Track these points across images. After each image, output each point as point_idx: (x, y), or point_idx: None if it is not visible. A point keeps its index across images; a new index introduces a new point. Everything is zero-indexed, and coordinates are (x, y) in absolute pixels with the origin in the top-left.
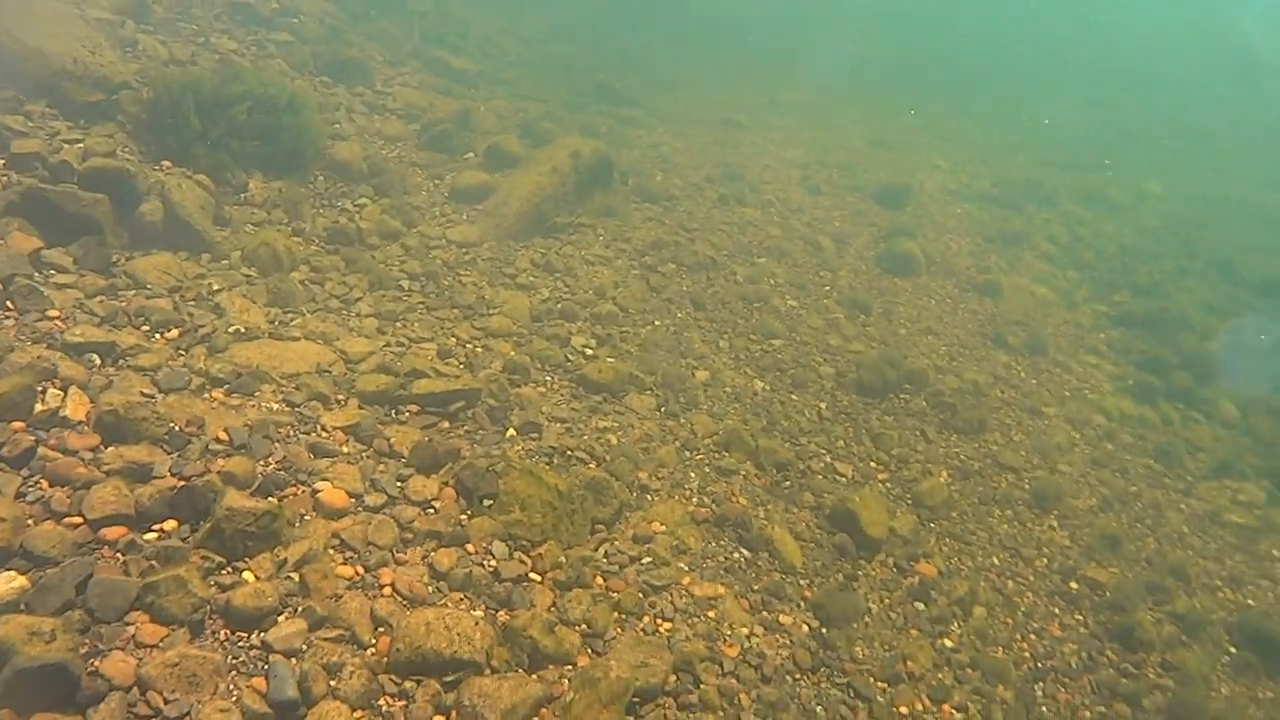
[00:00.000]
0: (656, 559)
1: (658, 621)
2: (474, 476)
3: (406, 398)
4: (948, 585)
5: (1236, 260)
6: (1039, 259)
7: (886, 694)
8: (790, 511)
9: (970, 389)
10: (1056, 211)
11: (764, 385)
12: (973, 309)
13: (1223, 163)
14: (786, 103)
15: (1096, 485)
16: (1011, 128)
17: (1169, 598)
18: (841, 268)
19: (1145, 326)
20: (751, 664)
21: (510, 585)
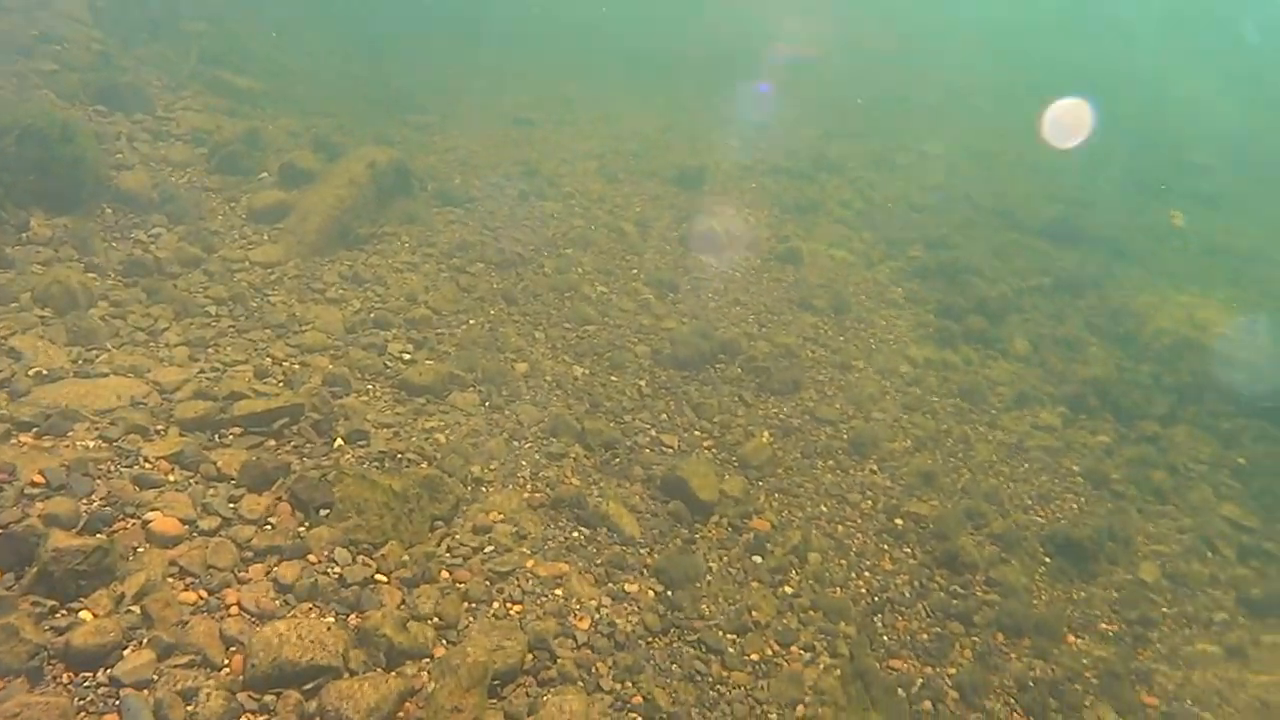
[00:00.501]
0: (499, 546)
1: (508, 605)
2: (307, 488)
3: (228, 420)
4: (782, 537)
5: (1016, 208)
6: (834, 224)
7: (736, 644)
8: (623, 486)
9: (782, 352)
10: (846, 178)
11: (583, 370)
12: (776, 277)
13: (992, 122)
14: (577, 97)
15: (909, 428)
16: (792, 104)
17: (986, 521)
18: (647, 250)
19: (939, 277)
20: (604, 633)
21: (358, 589)
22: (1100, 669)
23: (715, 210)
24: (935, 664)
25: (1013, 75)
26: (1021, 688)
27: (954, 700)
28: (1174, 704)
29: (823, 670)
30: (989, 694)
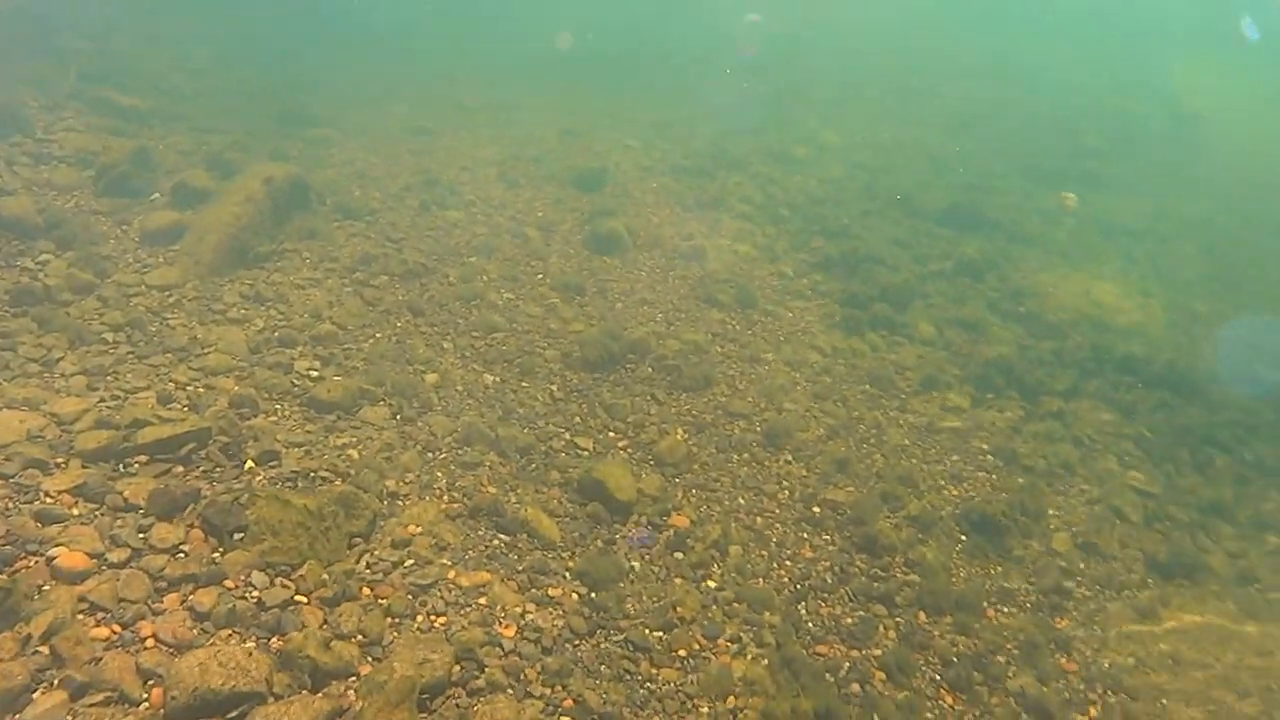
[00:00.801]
0: (419, 559)
1: (432, 618)
2: (219, 513)
3: (133, 449)
4: (702, 532)
5: (914, 196)
6: (737, 219)
7: (663, 641)
8: (540, 491)
9: (691, 349)
10: (747, 174)
11: (494, 378)
12: (682, 275)
13: (884, 111)
14: (473, 105)
15: (821, 416)
16: (691, 102)
17: (902, 504)
18: (551, 255)
19: (842, 266)
20: (530, 639)
21: (278, 611)
22: (1020, 639)
23: (618, 211)
24: (861, 647)
25: (905, 68)
26: (946, 664)
27: (881, 681)
28: (1092, 667)
29: (750, 661)
30: (915, 672)
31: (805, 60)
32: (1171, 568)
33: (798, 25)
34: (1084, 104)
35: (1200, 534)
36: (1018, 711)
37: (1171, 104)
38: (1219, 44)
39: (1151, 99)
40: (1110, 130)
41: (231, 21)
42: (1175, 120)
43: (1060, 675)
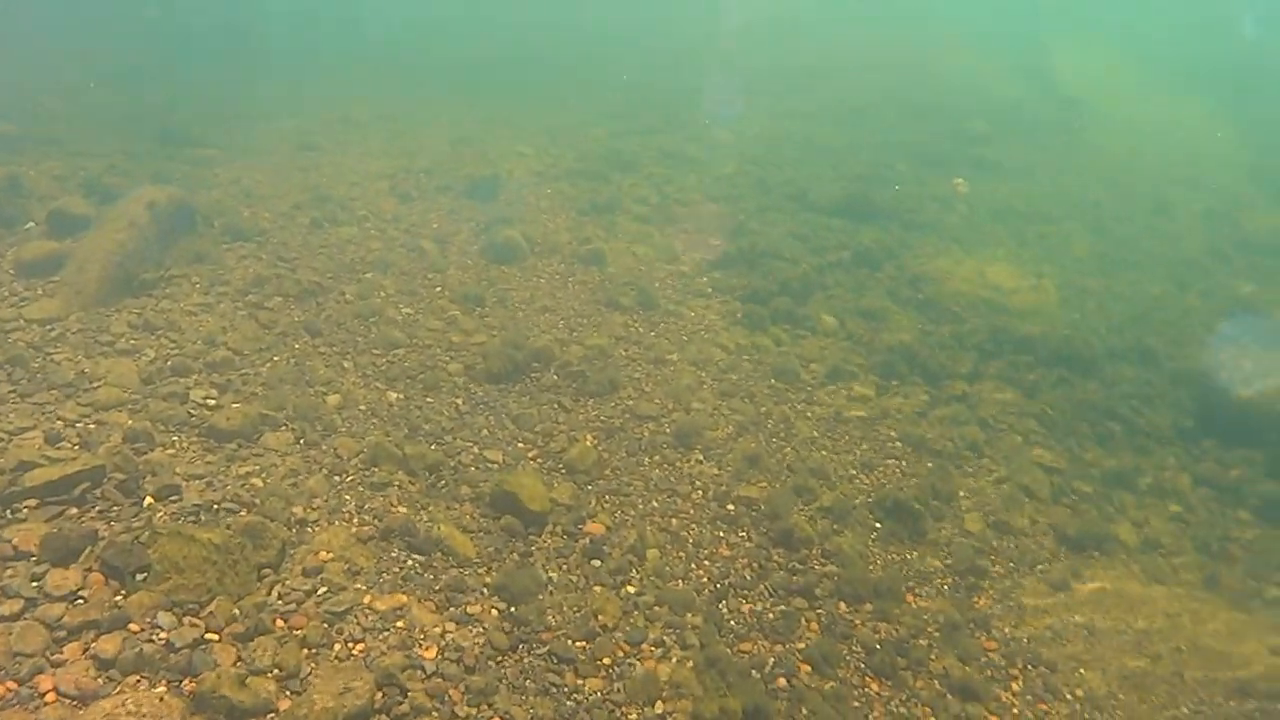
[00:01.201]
0: (332, 586)
1: (350, 645)
2: (119, 554)
3: (20, 493)
4: (618, 537)
5: (809, 189)
6: (633, 221)
7: (587, 651)
8: (452, 508)
9: (596, 354)
10: (641, 175)
11: (398, 395)
12: (582, 280)
13: (775, 107)
14: (360, 118)
15: (730, 414)
16: (581, 106)
17: (815, 496)
18: (449, 267)
19: (742, 263)
20: (452, 660)
21: (188, 652)
22: (941, 622)
23: (514, 219)
24: (785, 641)
25: (787, 61)
26: (870, 651)
27: (808, 673)
28: (1011, 643)
29: (676, 664)
30: (840, 663)
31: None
32: (1081, 540)
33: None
34: (970, 91)
35: (1106, 505)
36: (943, 693)
37: (1053, 89)
38: (1095, 30)
39: (1034, 85)
40: (996, 117)
41: (105, 39)
42: (1058, 105)
43: (981, 653)
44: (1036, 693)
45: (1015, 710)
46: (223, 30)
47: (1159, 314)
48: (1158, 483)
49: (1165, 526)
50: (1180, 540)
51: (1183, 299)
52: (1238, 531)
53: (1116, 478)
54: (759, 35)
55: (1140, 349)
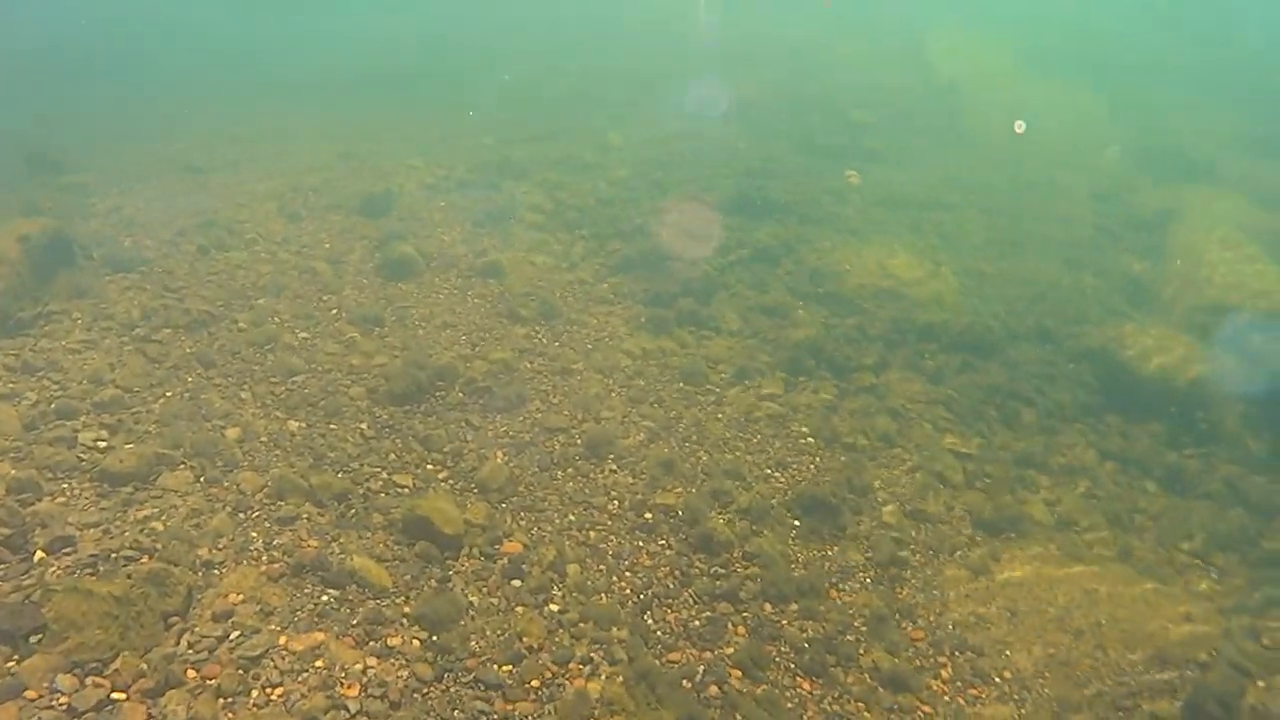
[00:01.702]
0: (245, 630)
1: (268, 691)
2: (10, 616)
3: None
4: (536, 555)
5: (703, 189)
6: (529, 230)
7: (514, 674)
8: (364, 537)
9: (500, 368)
10: (534, 182)
11: (299, 424)
12: (481, 293)
13: (667, 108)
14: (244, 137)
15: (640, 421)
16: (468, 116)
17: (732, 498)
18: (344, 288)
19: (641, 266)
20: (376, 696)
21: (93, 715)
22: (867, 615)
23: (407, 234)
24: (713, 648)
25: (682, 64)
26: (799, 651)
27: (738, 679)
28: (937, 631)
29: (605, 680)
30: (769, 665)
31: (591, 62)
32: (997, 523)
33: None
34: (855, 82)
35: (1018, 487)
36: (874, 686)
37: (930, 77)
38: (966, 15)
39: (913, 73)
40: (882, 107)
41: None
42: (936, 92)
43: (909, 644)
44: (966, 678)
45: (946, 698)
46: (92, 52)
47: (1055, 294)
48: (1066, 461)
49: (1077, 503)
50: (1092, 516)
51: (1077, 278)
52: (1145, 503)
53: (1026, 458)
54: (643, 33)
55: (1040, 330)
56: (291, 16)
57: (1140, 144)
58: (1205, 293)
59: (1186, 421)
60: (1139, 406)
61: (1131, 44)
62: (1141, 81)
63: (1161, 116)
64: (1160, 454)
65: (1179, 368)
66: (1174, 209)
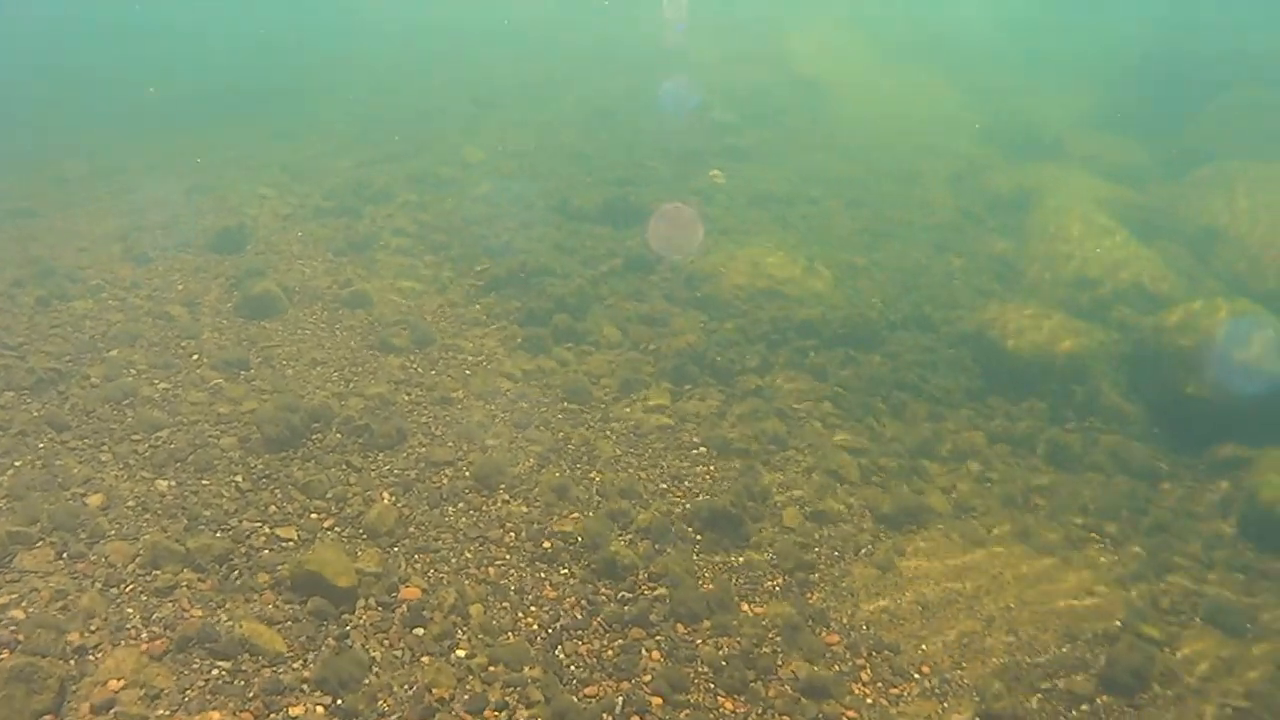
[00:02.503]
0: (131, 718)
1: None
2: None
3: None
4: (436, 599)
5: (569, 199)
6: (394, 255)
7: None
8: (252, 600)
9: (377, 404)
10: (395, 204)
11: (168, 483)
12: (349, 325)
13: (521, 119)
14: (78, 173)
15: (528, 446)
16: (317, 137)
17: (631, 518)
18: (203, 331)
19: (513, 285)
20: None
21: None
22: (781, 625)
23: (266, 269)
24: (630, 677)
25: (529, 72)
26: (717, 670)
27: (660, 705)
28: (852, 633)
29: None
30: (689, 688)
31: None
32: (896, 516)
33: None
34: (713, 80)
35: (913, 477)
36: (796, 697)
37: (789, 73)
38: (821, 11)
39: (774, 70)
40: (741, 104)
41: None
42: (795, 88)
43: (826, 650)
44: (886, 678)
45: (870, 700)
46: None
47: (926, 280)
48: (956, 447)
49: (971, 488)
50: (987, 500)
51: (945, 262)
52: (1036, 480)
53: (918, 448)
54: (496, 42)
55: (917, 317)
56: (111, 41)
57: (993, 126)
58: (1070, 268)
59: (1065, 396)
60: (1019, 386)
61: (987, 32)
62: (995, 68)
63: (1013, 99)
64: (1044, 431)
65: (1052, 344)
66: (1030, 188)
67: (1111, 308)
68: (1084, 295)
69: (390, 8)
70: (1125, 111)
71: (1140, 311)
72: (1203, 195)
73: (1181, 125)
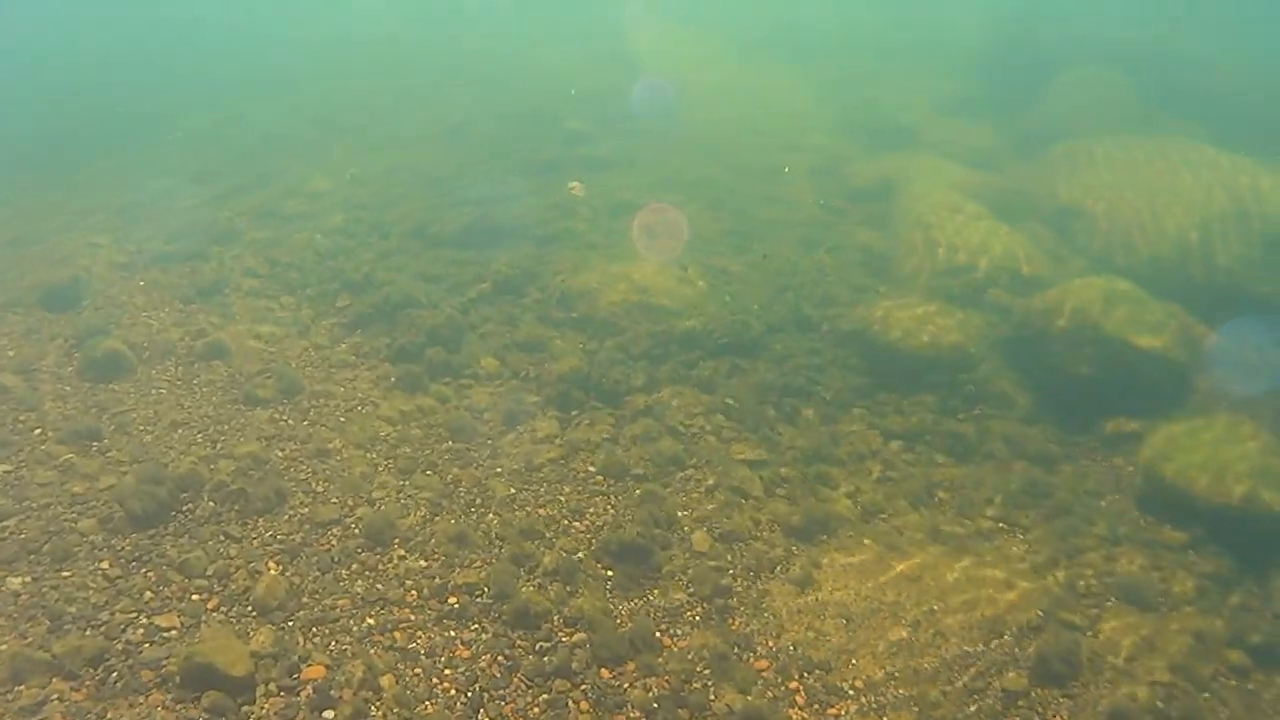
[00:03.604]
0: None
1: None
2: None
3: None
4: (343, 675)
5: (427, 224)
6: (248, 298)
7: None
8: (137, 705)
9: (250, 463)
10: (243, 244)
11: (22, 580)
12: (209, 380)
13: (368, 141)
14: None
15: (417, 494)
16: (149, 175)
17: (536, 560)
18: (44, 401)
19: (379, 320)
20: None
21: None
22: (707, 657)
23: (108, 325)
24: None
25: (370, 90)
26: (649, 713)
27: None
28: (780, 657)
29: None
30: None
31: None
32: (806, 528)
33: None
34: (563, 90)
35: (817, 485)
36: None
37: (638, 73)
38: (669, 11)
39: (625, 74)
40: (593, 111)
41: None
42: (646, 89)
43: (757, 676)
44: (822, 699)
45: None
46: None
47: (799, 279)
48: (854, 448)
49: (876, 490)
50: (894, 501)
51: (816, 260)
52: (937, 475)
53: (816, 454)
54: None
55: (797, 319)
56: None
57: (849, 118)
58: (941, 256)
59: (953, 386)
60: (907, 379)
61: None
62: (846, 60)
63: (866, 90)
64: (938, 423)
65: (934, 335)
66: (891, 177)
67: (985, 292)
68: (957, 282)
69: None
70: (973, 97)
71: (1014, 294)
72: (1057, 174)
73: (1026, 107)
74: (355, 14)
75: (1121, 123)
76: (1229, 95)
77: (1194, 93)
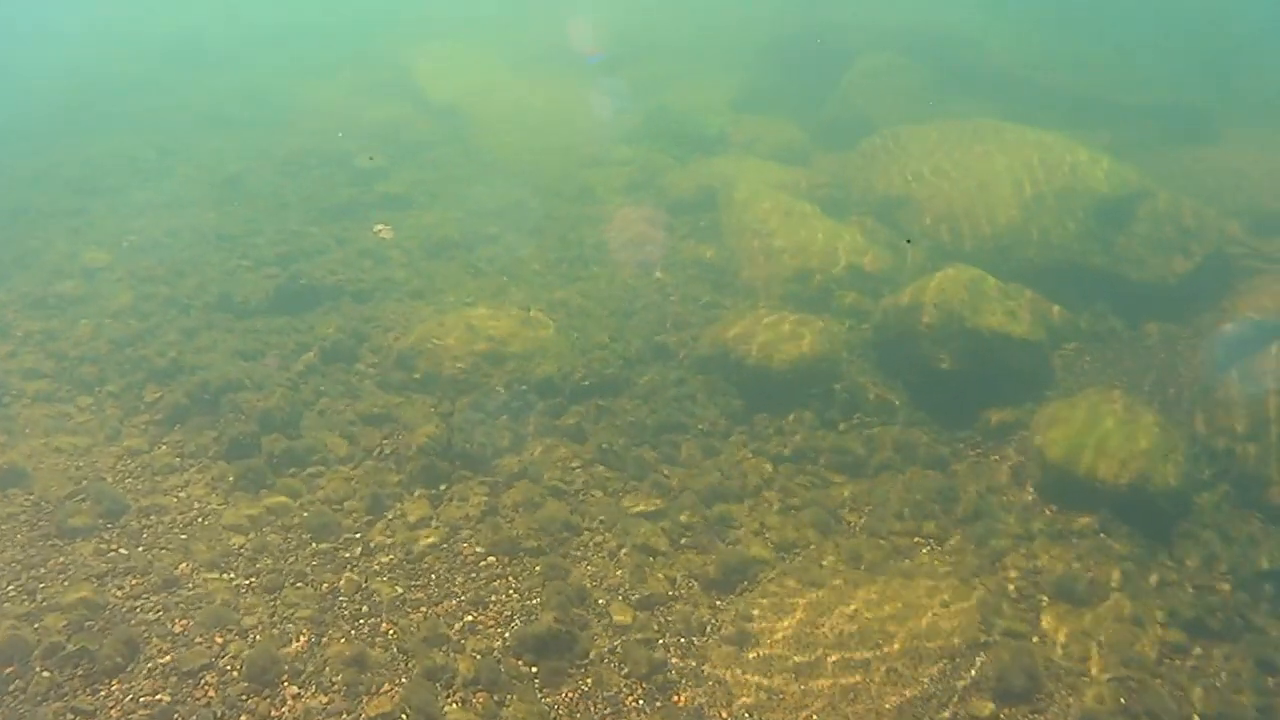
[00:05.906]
0: None
1: None
2: None
3: None
4: None
5: (231, 292)
6: (36, 406)
7: None
8: None
9: (84, 613)
10: (15, 340)
11: None
12: (7, 514)
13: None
14: None
15: (293, 613)
16: None
17: (450, 671)
18: None
19: (198, 411)
20: None
21: None
22: None
23: None
24: None
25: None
26: None
27: None
28: None
29: None
30: None
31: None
32: (725, 578)
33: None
34: (344, 124)
35: (720, 528)
36: None
37: (424, 102)
38: (443, 31)
39: (405, 102)
40: (383, 145)
41: None
42: (435, 118)
43: None
44: None
45: None
46: None
47: (642, 302)
48: (746, 481)
49: (783, 523)
50: (803, 530)
51: (652, 280)
52: (837, 495)
53: (712, 493)
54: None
55: (651, 347)
56: None
57: (651, 125)
58: (784, 262)
59: (827, 398)
60: (780, 397)
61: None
62: (641, 66)
63: (659, 93)
64: (823, 439)
65: (795, 347)
66: (711, 185)
67: (834, 295)
68: (804, 287)
69: None
70: (771, 93)
71: (864, 294)
72: (873, 165)
73: (824, 96)
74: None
75: (919, 108)
76: (1004, 71)
77: (974, 72)
